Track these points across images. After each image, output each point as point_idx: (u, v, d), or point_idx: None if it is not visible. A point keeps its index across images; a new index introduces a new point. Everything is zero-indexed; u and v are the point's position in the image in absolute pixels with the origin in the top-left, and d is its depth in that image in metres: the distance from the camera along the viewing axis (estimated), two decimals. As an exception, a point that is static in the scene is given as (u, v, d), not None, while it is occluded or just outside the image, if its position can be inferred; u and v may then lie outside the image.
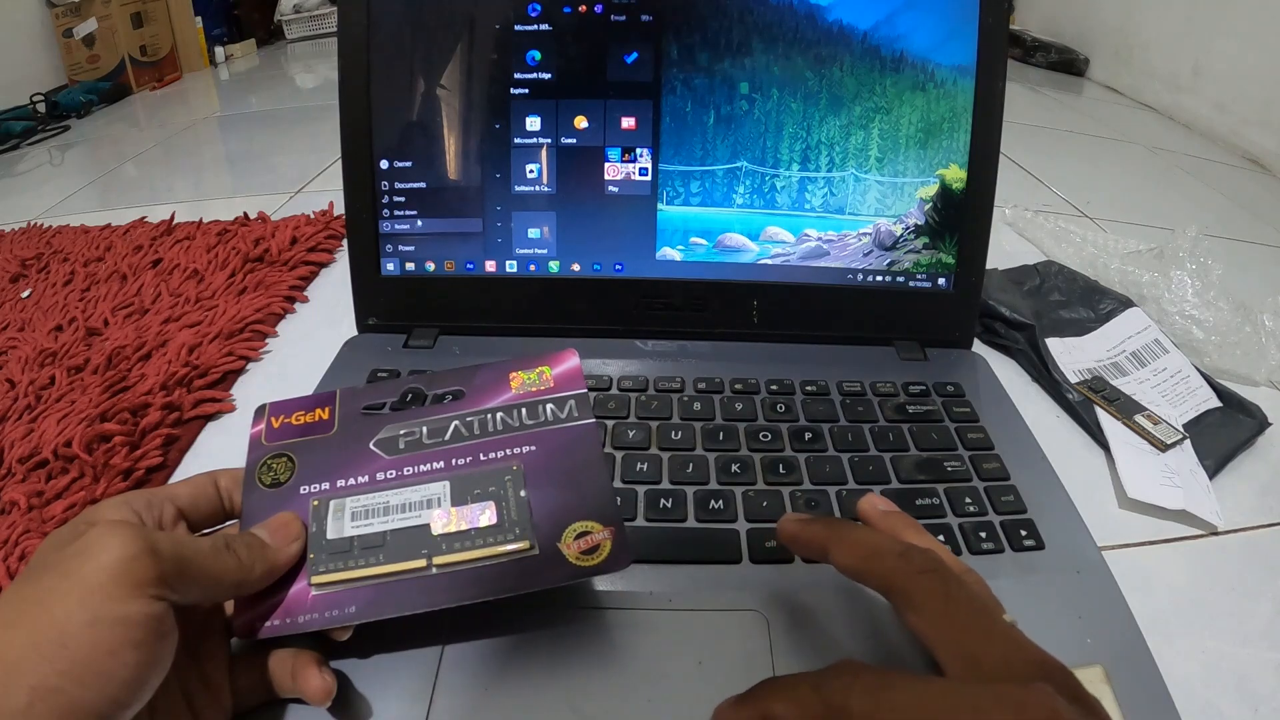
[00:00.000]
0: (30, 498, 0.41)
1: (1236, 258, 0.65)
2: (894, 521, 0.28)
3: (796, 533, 0.27)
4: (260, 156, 1.01)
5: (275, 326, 0.57)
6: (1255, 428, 0.44)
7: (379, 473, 0.30)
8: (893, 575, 0.23)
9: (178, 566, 0.22)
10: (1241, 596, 0.35)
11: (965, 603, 0.22)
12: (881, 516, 0.28)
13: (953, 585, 0.22)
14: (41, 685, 0.19)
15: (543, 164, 0.45)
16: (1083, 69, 1.34)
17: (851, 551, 0.25)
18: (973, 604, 0.22)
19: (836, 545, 0.25)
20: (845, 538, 0.26)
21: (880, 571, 0.24)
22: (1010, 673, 0.20)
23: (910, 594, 0.23)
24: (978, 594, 0.23)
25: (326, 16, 1.74)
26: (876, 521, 0.28)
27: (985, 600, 0.23)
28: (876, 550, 0.24)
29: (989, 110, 0.44)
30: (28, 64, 1.29)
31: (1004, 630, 0.21)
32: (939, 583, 0.22)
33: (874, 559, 0.24)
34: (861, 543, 0.25)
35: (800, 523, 0.28)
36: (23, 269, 0.68)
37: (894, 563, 0.24)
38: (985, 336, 0.52)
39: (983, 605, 0.22)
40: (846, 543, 0.25)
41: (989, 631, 0.21)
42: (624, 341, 0.47)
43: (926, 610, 0.22)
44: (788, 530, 0.28)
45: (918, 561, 0.23)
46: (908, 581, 0.23)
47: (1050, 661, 0.20)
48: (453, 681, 0.28)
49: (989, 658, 0.20)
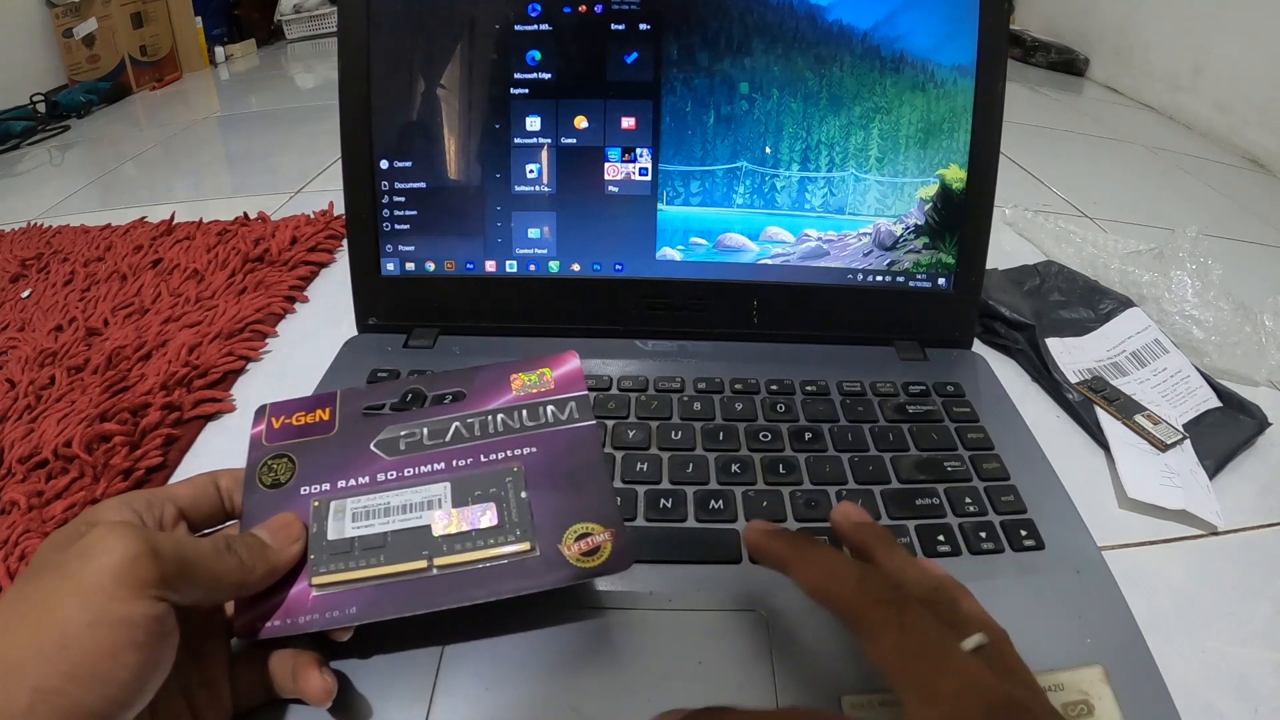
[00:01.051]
0: (30, 498, 0.41)
1: (1236, 258, 0.65)
2: (865, 534, 0.27)
3: (758, 543, 0.27)
4: (260, 156, 1.01)
5: (275, 326, 0.57)
6: (1255, 428, 0.44)
7: (380, 474, 0.30)
8: (849, 604, 0.23)
9: (179, 567, 0.22)
10: (1241, 596, 0.35)
11: (921, 633, 0.21)
12: (853, 529, 0.28)
13: (909, 616, 0.22)
14: (42, 686, 0.19)
15: (543, 164, 0.45)
16: (1083, 69, 1.34)
17: (810, 574, 0.24)
18: (929, 635, 0.21)
19: (796, 565, 0.25)
20: (805, 558, 0.25)
21: (837, 598, 0.23)
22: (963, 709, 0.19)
23: (866, 624, 0.22)
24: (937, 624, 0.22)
25: (326, 16, 1.74)
26: (847, 533, 0.28)
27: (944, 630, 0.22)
28: (834, 575, 0.24)
29: (989, 110, 0.44)
30: (28, 64, 1.29)
31: (959, 664, 0.20)
32: (895, 613, 0.22)
33: (831, 585, 0.24)
34: (820, 566, 0.24)
35: (764, 534, 0.27)
36: (23, 269, 0.68)
37: (850, 590, 0.23)
38: (985, 336, 0.52)
39: (940, 637, 0.21)
40: (806, 564, 0.25)
41: (944, 666, 0.20)
42: (624, 341, 0.47)
43: (882, 642, 0.21)
44: (750, 539, 0.27)
45: (874, 590, 0.23)
46: (863, 611, 0.22)
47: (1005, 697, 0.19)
48: (453, 681, 0.28)
49: (943, 693, 0.20)
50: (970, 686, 0.20)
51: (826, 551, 0.25)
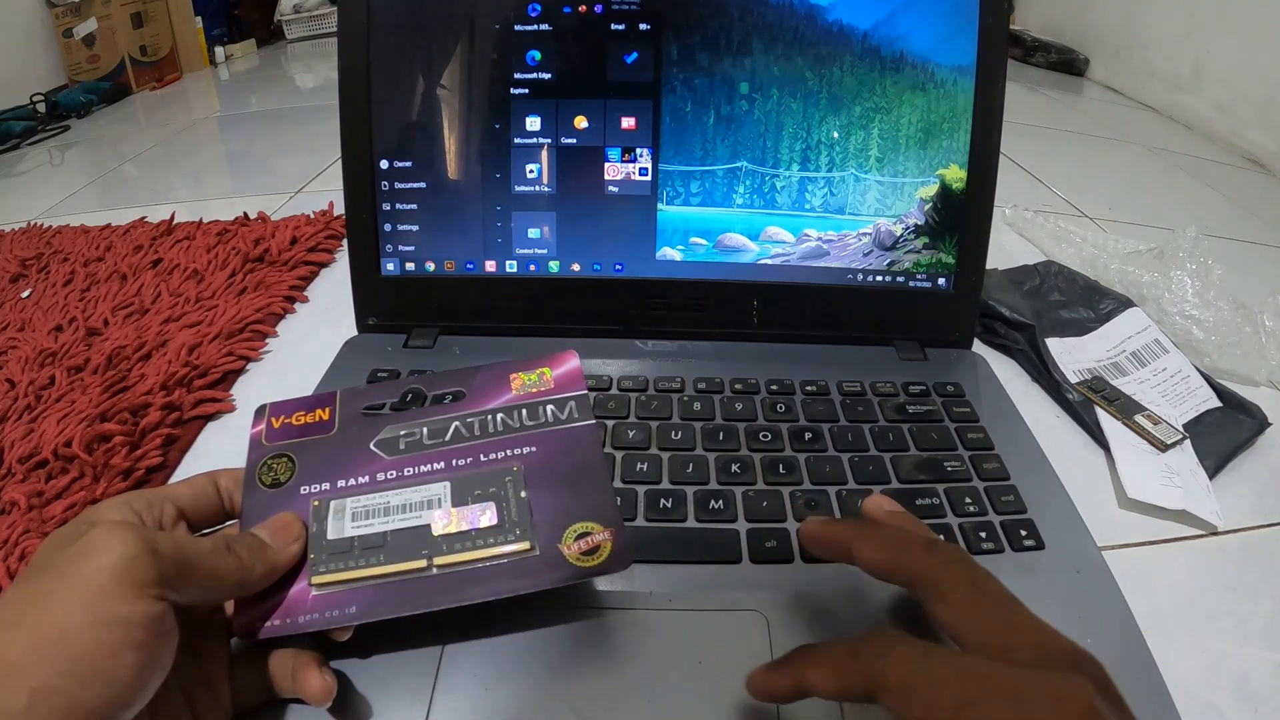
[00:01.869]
0: (30, 498, 0.41)
1: (1236, 258, 0.65)
2: (900, 522, 0.28)
3: (820, 533, 0.27)
4: (260, 156, 1.01)
5: (275, 326, 0.57)
6: (1255, 428, 0.44)
7: (379, 473, 0.30)
8: (920, 567, 0.23)
9: (178, 567, 0.22)
10: (1241, 596, 0.35)
11: (993, 594, 0.22)
12: (888, 517, 0.28)
13: (980, 576, 0.22)
14: (42, 686, 0.19)
15: (543, 164, 0.45)
16: (1083, 69, 1.34)
17: (877, 547, 0.25)
18: (1001, 594, 0.22)
19: (861, 542, 0.25)
20: (870, 534, 0.25)
21: (907, 564, 0.24)
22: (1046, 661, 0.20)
23: (939, 585, 0.22)
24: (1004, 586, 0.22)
25: (326, 16, 1.74)
26: (884, 521, 0.28)
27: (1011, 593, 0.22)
28: (903, 543, 0.24)
29: (989, 110, 0.44)
30: (28, 64, 1.29)
31: (1034, 620, 0.21)
32: (966, 573, 0.22)
33: (901, 552, 0.24)
34: (887, 537, 0.25)
35: (824, 523, 0.27)
36: (23, 269, 0.68)
37: (921, 554, 0.23)
38: (985, 336, 0.52)
39: (1010, 596, 0.22)
40: (871, 539, 0.25)
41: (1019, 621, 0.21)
42: (624, 341, 0.47)
43: (955, 601, 0.22)
44: (811, 531, 0.28)
45: (945, 553, 0.23)
46: (935, 573, 0.23)
47: (1083, 652, 0.20)
48: (453, 681, 0.28)
49: (1022, 647, 0.20)
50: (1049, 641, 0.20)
51: (887, 527, 0.26)
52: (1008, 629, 0.21)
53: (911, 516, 0.28)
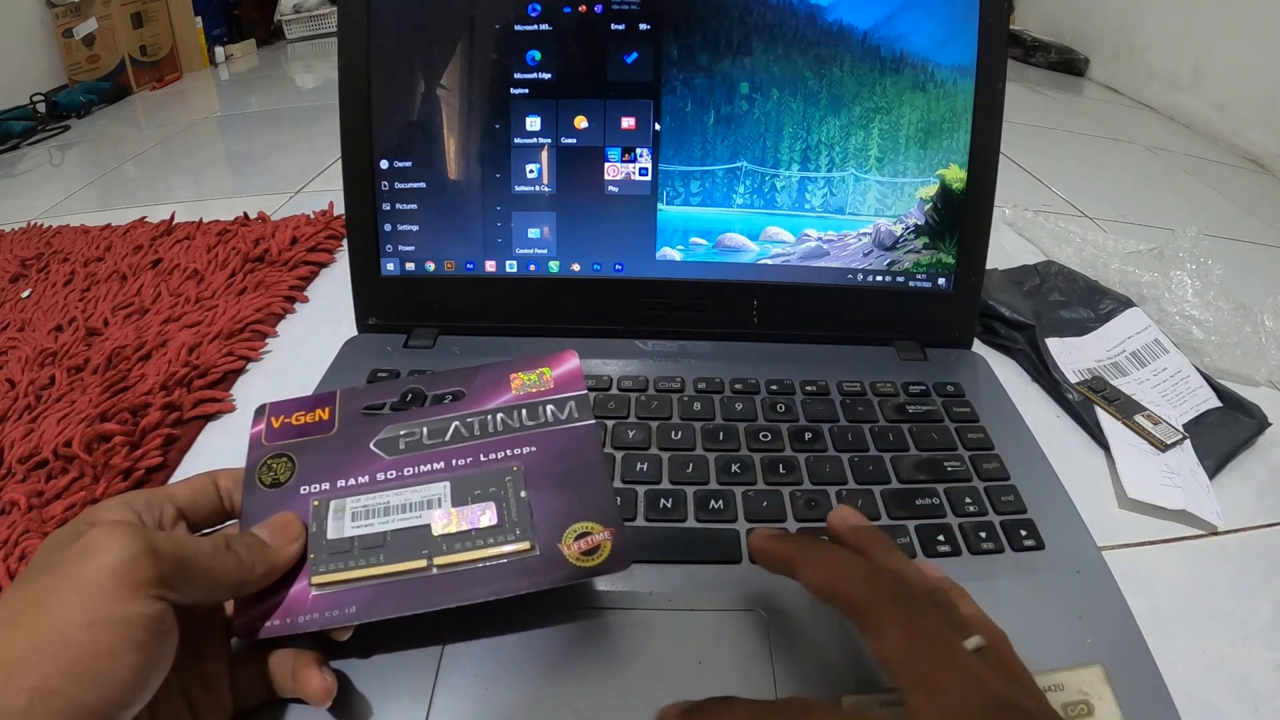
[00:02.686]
0: (30, 498, 0.41)
1: (1236, 258, 0.65)
2: (862, 537, 0.28)
3: (765, 548, 0.27)
4: (260, 156, 1.01)
5: (275, 326, 0.57)
6: (1255, 428, 0.44)
7: (379, 473, 0.30)
8: (857, 599, 0.23)
9: (178, 566, 0.22)
10: (1241, 596, 0.35)
11: (928, 632, 0.21)
12: (850, 532, 0.28)
13: (916, 613, 0.22)
14: (42, 686, 0.19)
15: (543, 164, 0.45)
16: (1083, 69, 1.34)
17: (818, 572, 0.25)
18: (935, 633, 0.21)
19: (804, 564, 0.25)
20: (812, 557, 0.25)
21: (845, 594, 0.23)
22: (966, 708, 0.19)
23: (873, 619, 0.22)
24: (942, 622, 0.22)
25: (326, 16, 1.74)
26: (845, 537, 0.28)
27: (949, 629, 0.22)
28: (842, 572, 0.24)
29: (989, 110, 0.44)
30: (28, 64, 1.29)
31: (963, 662, 0.21)
32: (902, 610, 0.22)
33: (839, 580, 0.24)
34: (828, 562, 0.25)
35: (770, 539, 0.27)
36: (23, 269, 0.68)
37: (859, 586, 0.23)
38: (985, 336, 0.52)
39: (945, 635, 0.21)
40: (814, 562, 0.25)
41: (948, 663, 0.20)
42: (624, 341, 0.47)
43: (888, 638, 0.21)
44: (757, 545, 0.27)
45: (882, 586, 0.23)
46: (871, 606, 0.22)
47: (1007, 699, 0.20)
48: (453, 681, 0.28)
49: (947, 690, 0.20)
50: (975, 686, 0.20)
51: (833, 550, 0.26)
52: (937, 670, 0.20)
53: (874, 531, 0.28)
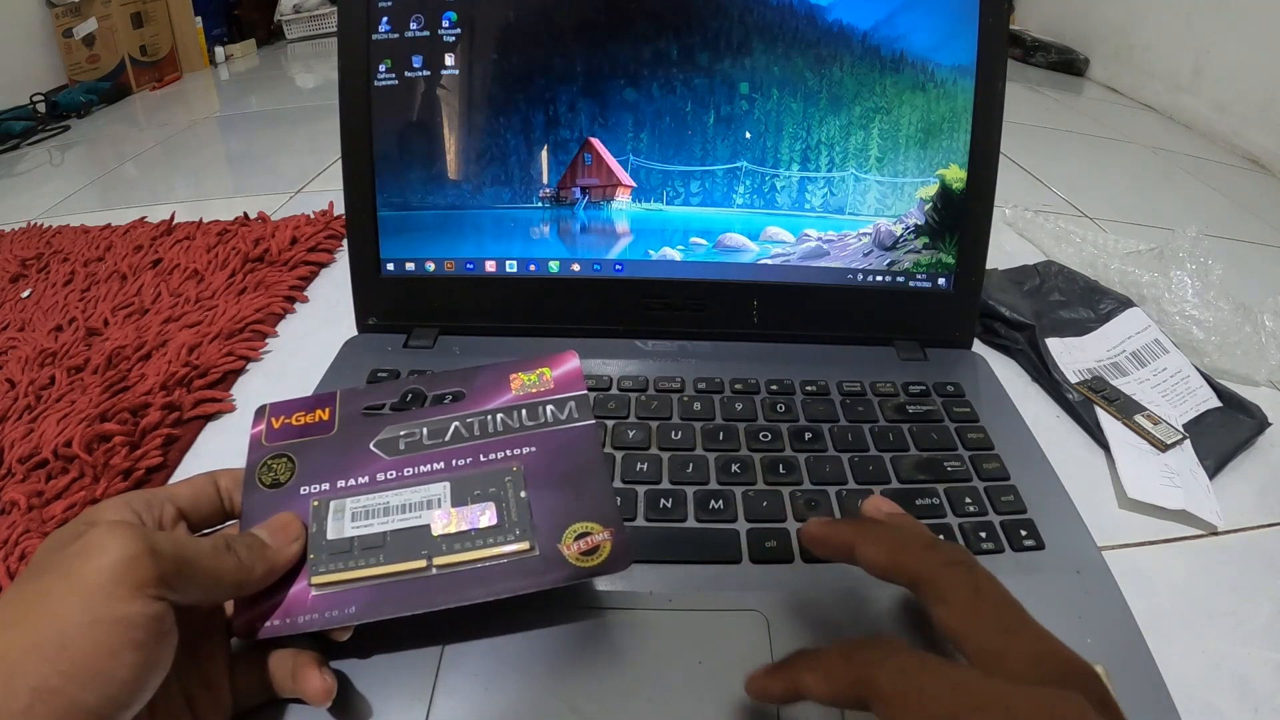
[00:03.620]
0: (30, 498, 0.41)
1: (1236, 258, 0.65)
2: (899, 523, 0.28)
3: (822, 534, 0.27)
4: (260, 156, 1.01)
5: (275, 326, 0.57)
6: (1255, 428, 0.44)
7: (379, 473, 0.30)
8: (921, 568, 0.23)
9: (178, 567, 0.22)
10: (1241, 596, 0.35)
11: (994, 597, 0.22)
12: (887, 519, 0.28)
13: (981, 579, 0.22)
14: (42, 686, 0.19)
15: (543, 163, 0.45)
16: (1083, 69, 1.34)
17: (879, 547, 0.25)
18: (1002, 599, 0.22)
19: (863, 542, 0.25)
20: (872, 534, 0.25)
21: (908, 564, 0.24)
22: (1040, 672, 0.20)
23: (939, 586, 0.22)
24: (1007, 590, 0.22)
25: (326, 16, 1.74)
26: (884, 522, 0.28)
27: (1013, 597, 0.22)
28: (904, 543, 0.24)
29: (989, 110, 0.44)
30: (28, 64, 1.29)
31: (1033, 627, 0.21)
32: (968, 575, 0.22)
33: (902, 552, 0.24)
34: (888, 537, 0.25)
35: (826, 524, 0.27)
36: (23, 269, 0.68)
37: (923, 555, 0.23)
38: (985, 336, 0.52)
39: (1012, 601, 0.22)
40: (873, 538, 0.25)
41: (1018, 628, 0.21)
42: (624, 341, 0.47)
43: (955, 603, 0.22)
44: (813, 531, 0.27)
45: (946, 554, 0.23)
46: (936, 574, 0.23)
47: (1079, 663, 0.20)
48: (453, 681, 0.28)
49: (1018, 655, 0.20)
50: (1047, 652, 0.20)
51: (889, 527, 0.26)
52: (1006, 635, 0.21)
53: (910, 517, 0.28)
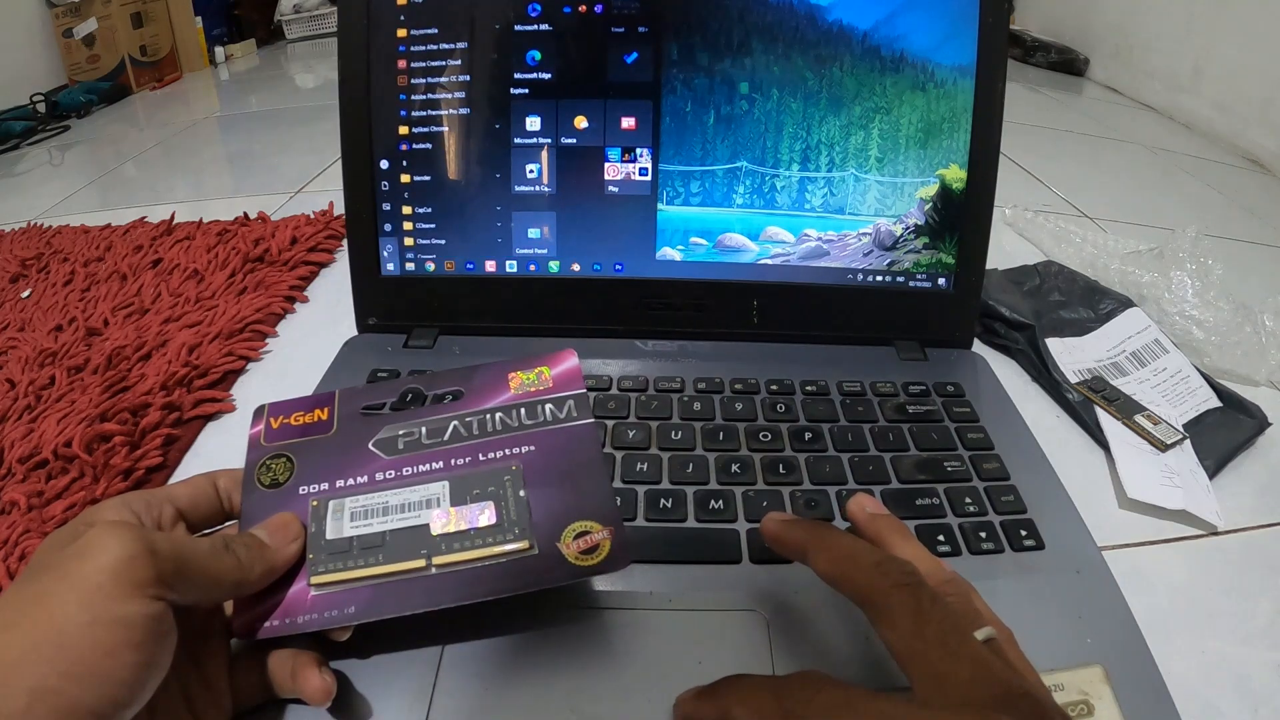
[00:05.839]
0: (30, 498, 0.41)
1: (1236, 258, 0.65)
2: (880, 525, 0.28)
3: (778, 533, 0.27)
4: (260, 156, 1.01)
5: (275, 326, 0.57)
6: (1255, 428, 0.44)
7: (378, 473, 0.30)
8: (867, 587, 0.23)
9: (177, 567, 0.22)
10: (1241, 596, 0.35)
11: (937, 620, 0.21)
12: (869, 520, 0.28)
13: (925, 601, 0.22)
14: (40, 686, 0.19)
15: (543, 164, 0.45)
16: (1083, 69, 1.34)
17: (829, 558, 0.25)
18: (945, 622, 0.21)
19: (815, 550, 0.25)
20: (824, 543, 0.25)
21: (855, 581, 0.23)
22: (975, 696, 0.19)
23: (882, 607, 0.22)
24: (952, 611, 0.22)
25: (326, 16, 1.74)
26: (863, 524, 0.28)
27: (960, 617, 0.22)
28: (853, 559, 0.24)
29: (989, 110, 0.44)
30: (28, 64, 1.29)
31: (973, 651, 0.21)
32: (912, 598, 0.22)
33: (850, 568, 0.24)
34: (839, 550, 0.25)
35: (782, 523, 0.27)
36: (23, 269, 0.68)
37: (869, 574, 0.23)
38: (985, 336, 0.52)
39: (955, 624, 0.21)
40: (825, 549, 0.25)
41: (958, 651, 0.20)
42: (624, 341, 0.47)
43: (897, 625, 0.21)
44: (769, 530, 0.28)
45: (893, 574, 0.23)
46: (881, 595, 0.22)
47: (1017, 688, 0.20)
48: (453, 681, 0.28)
49: (956, 679, 0.20)
50: (983, 675, 0.20)
51: (845, 537, 0.26)
52: (945, 660, 0.20)
53: (893, 520, 0.28)
